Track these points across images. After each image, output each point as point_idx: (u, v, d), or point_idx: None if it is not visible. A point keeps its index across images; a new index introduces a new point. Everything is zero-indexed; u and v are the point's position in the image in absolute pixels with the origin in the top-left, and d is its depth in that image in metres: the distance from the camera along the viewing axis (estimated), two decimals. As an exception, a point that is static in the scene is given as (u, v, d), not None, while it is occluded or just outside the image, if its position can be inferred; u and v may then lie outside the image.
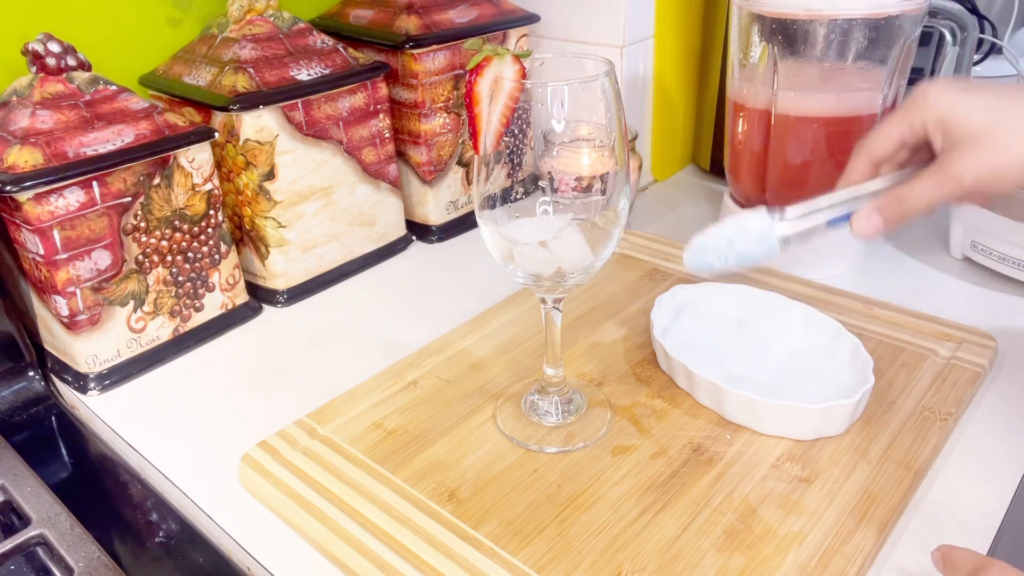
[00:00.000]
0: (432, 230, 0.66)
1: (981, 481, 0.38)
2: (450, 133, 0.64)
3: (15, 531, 0.38)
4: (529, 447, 0.40)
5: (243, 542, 0.37)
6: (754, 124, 0.55)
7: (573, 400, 0.43)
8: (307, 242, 0.58)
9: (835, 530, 0.34)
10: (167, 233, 0.50)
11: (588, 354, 0.48)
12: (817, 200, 0.38)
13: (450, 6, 0.62)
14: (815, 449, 0.39)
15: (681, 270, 0.56)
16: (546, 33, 0.70)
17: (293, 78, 0.54)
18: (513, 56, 0.34)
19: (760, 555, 0.33)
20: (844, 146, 0.53)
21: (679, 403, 0.43)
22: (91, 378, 0.49)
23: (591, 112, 0.34)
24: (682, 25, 0.70)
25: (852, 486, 0.37)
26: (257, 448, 0.41)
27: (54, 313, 0.48)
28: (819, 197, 0.38)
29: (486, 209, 0.37)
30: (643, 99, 0.70)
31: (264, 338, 0.54)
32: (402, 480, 0.39)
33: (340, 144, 0.58)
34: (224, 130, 0.53)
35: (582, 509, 0.36)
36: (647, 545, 0.34)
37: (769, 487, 0.37)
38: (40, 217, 0.44)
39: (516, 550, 0.34)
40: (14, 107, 0.46)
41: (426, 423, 0.42)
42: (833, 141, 0.53)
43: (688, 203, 0.71)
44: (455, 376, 0.46)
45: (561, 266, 0.36)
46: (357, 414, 0.43)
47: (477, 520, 0.36)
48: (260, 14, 0.56)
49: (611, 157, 0.35)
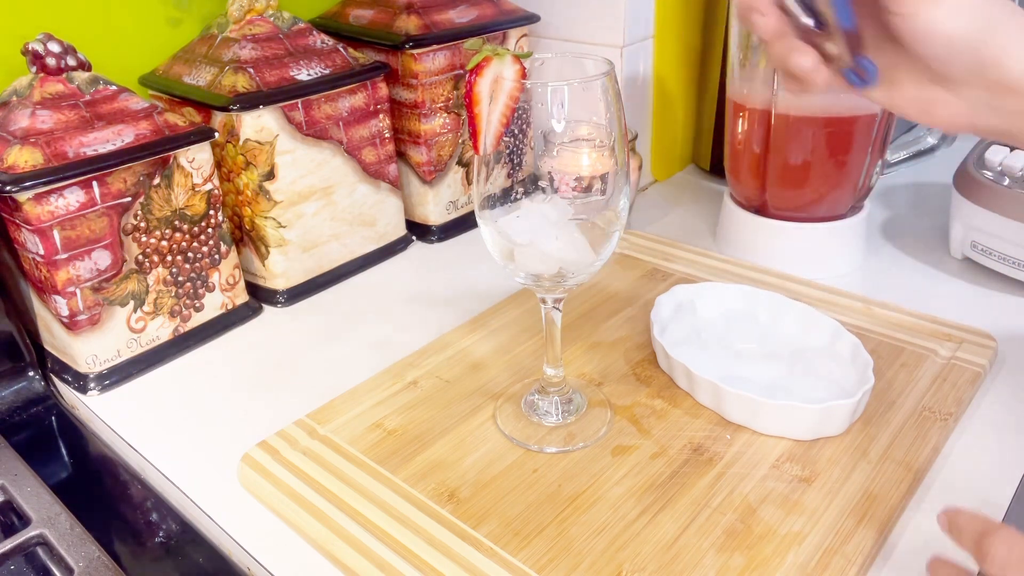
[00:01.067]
0: (432, 230, 0.66)
1: (981, 481, 0.38)
2: (450, 133, 0.64)
3: (15, 531, 0.38)
4: (529, 447, 0.40)
5: (243, 542, 0.37)
6: (754, 124, 0.55)
7: (573, 400, 0.43)
8: (307, 242, 0.58)
9: (835, 530, 0.34)
10: (167, 233, 0.50)
11: (588, 354, 0.48)
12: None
13: (450, 6, 0.62)
14: (815, 449, 0.39)
15: (681, 270, 0.56)
16: (546, 33, 0.70)
17: (293, 78, 0.54)
18: (513, 56, 0.34)
19: (760, 555, 0.33)
20: (844, 146, 0.53)
21: (679, 403, 0.43)
22: (91, 378, 0.49)
23: (591, 112, 0.34)
24: (682, 25, 0.70)
25: (852, 486, 0.37)
26: (257, 448, 0.41)
27: (54, 313, 0.48)
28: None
29: (486, 209, 0.37)
30: (643, 99, 0.70)
31: (264, 338, 0.54)
32: (402, 480, 0.39)
33: (340, 144, 0.58)
34: (224, 130, 0.53)
35: (582, 509, 0.36)
36: (647, 545, 0.34)
37: (769, 487, 0.37)
38: (40, 217, 0.44)
39: (516, 550, 0.34)
40: (14, 107, 0.46)
41: (426, 423, 0.42)
42: (833, 141, 0.53)
43: (688, 203, 0.71)
44: (455, 376, 0.46)
45: (561, 266, 0.36)
46: (357, 414, 0.43)
47: (477, 520, 0.36)
48: (260, 14, 0.56)
49: (611, 157, 0.35)
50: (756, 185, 0.57)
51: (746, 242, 0.59)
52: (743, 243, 0.60)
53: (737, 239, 0.60)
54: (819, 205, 0.56)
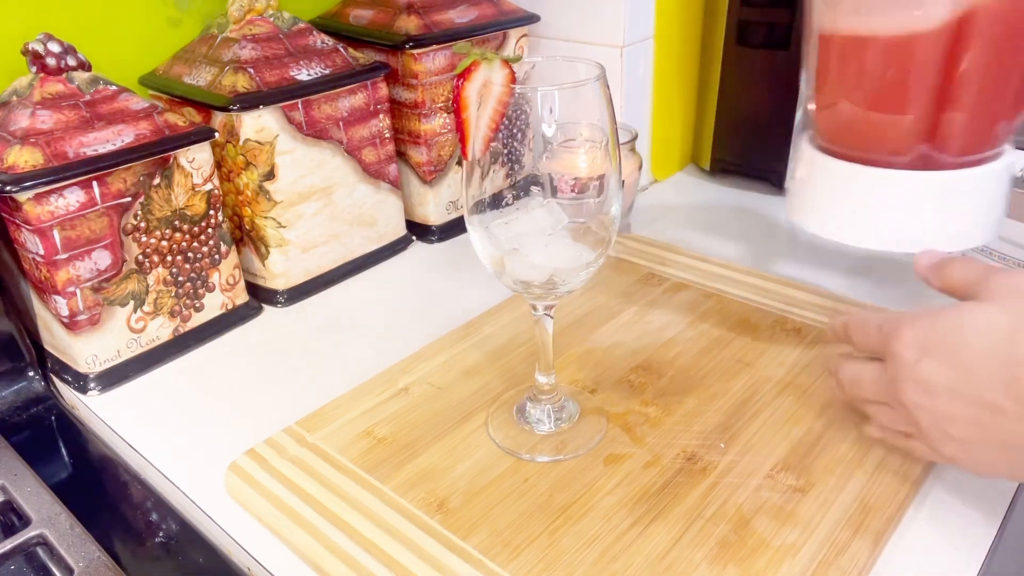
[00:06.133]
0: (432, 230, 0.66)
1: (977, 491, 0.38)
2: (450, 133, 0.64)
3: (15, 531, 0.38)
4: (520, 456, 0.40)
5: (243, 542, 0.38)
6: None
7: (566, 408, 0.43)
8: (307, 242, 0.58)
9: (830, 541, 0.34)
10: (167, 233, 0.50)
11: (581, 361, 0.47)
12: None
13: (450, 6, 0.62)
14: (810, 458, 0.39)
15: (678, 275, 0.56)
16: (546, 33, 0.70)
17: (293, 78, 0.54)
18: (502, 60, 0.34)
19: (753, 568, 0.33)
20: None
21: (673, 411, 0.43)
22: (91, 378, 0.49)
23: (581, 116, 0.34)
24: (682, 25, 0.70)
25: (847, 496, 0.36)
26: (245, 456, 0.41)
27: (54, 313, 0.48)
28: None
29: (475, 214, 0.36)
30: (643, 99, 0.70)
31: (264, 338, 0.54)
32: (391, 489, 0.38)
33: (340, 144, 0.57)
34: (224, 130, 0.53)
35: (573, 519, 0.36)
36: (639, 557, 0.34)
37: (763, 497, 0.37)
38: (40, 217, 0.44)
39: (506, 562, 0.34)
40: (14, 107, 0.47)
41: (417, 431, 0.42)
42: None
43: (688, 203, 0.71)
44: (447, 383, 0.46)
45: (551, 274, 0.36)
46: (347, 421, 0.43)
47: (467, 530, 0.36)
48: (260, 14, 0.56)
49: (603, 161, 0.35)
50: (925, 121, 0.41)
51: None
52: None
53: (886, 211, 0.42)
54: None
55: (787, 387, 0.44)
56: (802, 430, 0.41)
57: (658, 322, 0.51)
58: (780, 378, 0.45)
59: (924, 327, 0.32)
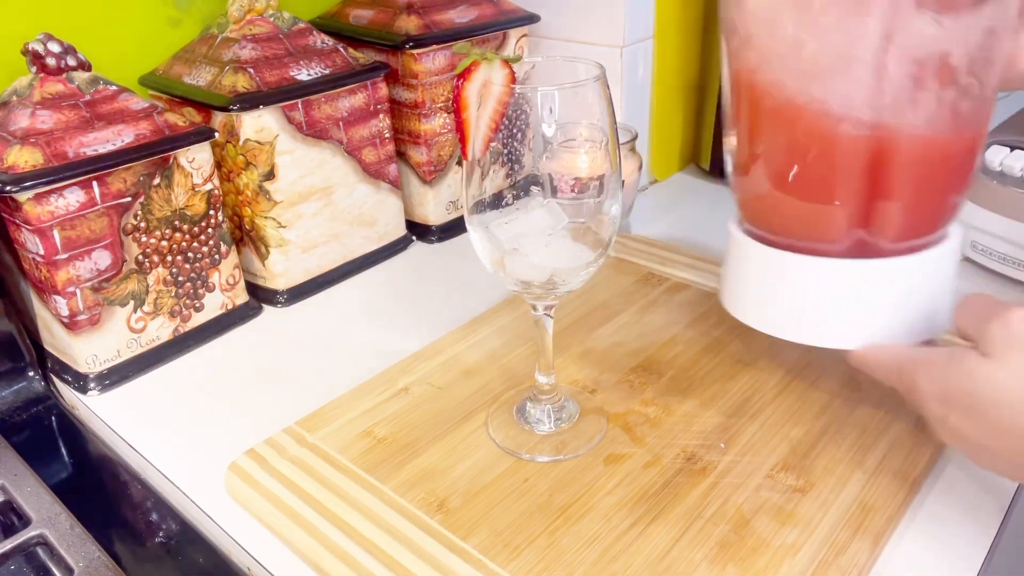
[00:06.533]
0: (432, 230, 0.66)
1: (977, 492, 0.38)
2: (450, 133, 0.64)
3: (15, 531, 0.38)
4: (520, 456, 0.40)
5: (243, 542, 0.38)
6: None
7: (566, 408, 0.43)
8: (307, 242, 0.58)
9: (830, 542, 0.34)
10: (167, 233, 0.50)
11: (581, 361, 0.47)
12: None
13: (450, 6, 0.62)
14: (810, 458, 0.39)
15: (678, 274, 0.56)
16: (546, 33, 0.70)
17: (293, 78, 0.54)
18: (502, 61, 0.34)
19: (753, 568, 0.33)
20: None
21: (673, 411, 0.43)
22: (91, 378, 0.49)
23: (581, 116, 0.34)
24: (682, 25, 0.70)
25: (847, 497, 0.36)
26: (245, 456, 0.41)
27: (54, 313, 0.48)
28: None
29: (475, 214, 0.36)
30: (643, 99, 0.70)
31: (264, 338, 0.54)
32: (391, 489, 0.38)
33: (340, 144, 0.57)
34: (224, 130, 0.53)
35: (573, 519, 0.36)
36: (638, 557, 0.34)
37: (763, 497, 0.37)
38: (40, 217, 0.44)
39: (506, 562, 0.34)
40: (14, 107, 0.47)
41: (417, 431, 0.42)
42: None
43: (688, 203, 0.71)
44: (447, 383, 0.46)
45: (552, 274, 0.36)
46: (347, 421, 0.43)
47: (467, 531, 0.36)
48: (260, 14, 0.56)
49: (603, 161, 0.35)
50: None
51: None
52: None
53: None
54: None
55: (787, 387, 0.44)
56: (802, 430, 0.41)
57: (658, 322, 0.51)
58: (780, 378, 0.45)
59: (938, 381, 0.32)
